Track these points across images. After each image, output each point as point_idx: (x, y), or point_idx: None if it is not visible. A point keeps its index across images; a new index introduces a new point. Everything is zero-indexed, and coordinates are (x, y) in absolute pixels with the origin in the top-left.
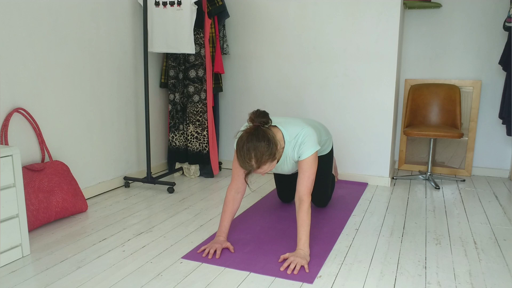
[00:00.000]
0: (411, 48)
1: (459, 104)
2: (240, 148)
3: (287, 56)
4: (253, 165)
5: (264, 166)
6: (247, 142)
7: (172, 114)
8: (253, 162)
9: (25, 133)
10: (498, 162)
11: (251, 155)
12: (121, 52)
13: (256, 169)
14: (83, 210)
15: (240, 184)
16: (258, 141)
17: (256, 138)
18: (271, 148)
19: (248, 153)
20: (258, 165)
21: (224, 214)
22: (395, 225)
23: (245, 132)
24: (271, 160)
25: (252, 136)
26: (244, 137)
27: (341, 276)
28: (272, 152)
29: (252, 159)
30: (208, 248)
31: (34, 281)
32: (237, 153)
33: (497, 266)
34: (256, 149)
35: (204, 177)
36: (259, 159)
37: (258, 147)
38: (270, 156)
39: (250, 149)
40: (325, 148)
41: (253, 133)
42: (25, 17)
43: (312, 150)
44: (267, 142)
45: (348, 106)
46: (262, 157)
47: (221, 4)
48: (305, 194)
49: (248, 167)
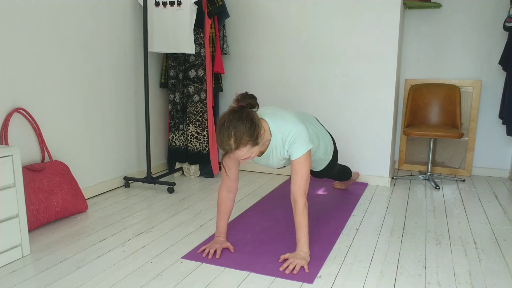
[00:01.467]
0: (411, 48)
1: (459, 104)
2: (220, 125)
3: (287, 56)
4: (231, 145)
5: (244, 148)
6: (229, 119)
7: (172, 114)
8: (232, 142)
9: (25, 133)
10: (498, 162)
11: (231, 134)
12: (121, 52)
13: (235, 150)
14: (83, 210)
15: (230, 183)
16: (240, 120)
17: (239, 117)
18: (253, 131)
19: (227, 131)
20: (237, 146)
21: (219, 214)
22: (395, 225)
23: (228, 110)
24: (251, 143)
25: (235, 114)
26: (227, 114)
27: (341, 276)
28: (253, 135)
29: (231, 137)
30: (208, 248)
31: (34, 281)
32: (216, 130)
33: (497, 266)
34: (237, 128)
35: (204, 177)
36: (239, 139)
37: (239, 126)
38: (251, 139)
39: (230, 127)
40: (327, 155)
41: (236, 111)
42: (25, 17)
43: (304, 150)
44: (250, 123)
45: (348, 106)
46: (242, 137)
47: (221, 4)
48: (298, 195)
49: (226, 146)
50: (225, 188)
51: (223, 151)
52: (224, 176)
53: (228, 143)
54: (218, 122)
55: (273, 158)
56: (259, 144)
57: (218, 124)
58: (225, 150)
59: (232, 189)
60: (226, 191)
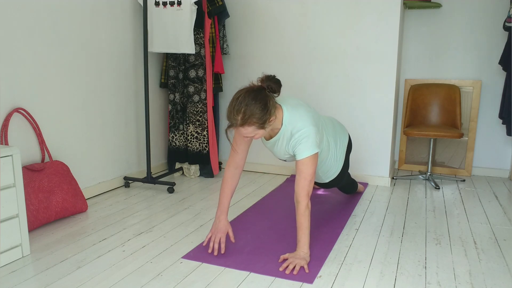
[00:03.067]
0: (411, 48)
1: (459, 104)
2: (234, 98)
3: (287, 56)
4: (238, 120)
5: (248, 128)
6: (244, 96)
7: (172, 114)
8: (239, 118)
9: (25, 133)
10: (498, 162)
11: (240, 110)
12: (121, 52)
13: (239, 126)
14: (83, 210)
15: (238, 159)
16: (255, 100)
17: (254, 96)
18: (264, 115)
19: (239, 106)
20: (243, 123)
21: (223, 192)
22: (395, 225)
23: (247, 87)
24: (258, 125)
25: (252, 93)
26: (244, 90)
27: (341, 276)
28: (262, 118)
29: (240, 113)
30: (212, 241)
31: (34, 281)
32: (230, 102)
33: (497, 266)
34: (248, 106)
35: (204, 177)
36: (246, 117)
37: (251, 105)
38: (259, 121)
39: (242, 103)
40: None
41: (255, 90)
42: (25, 17)
43: (309, 153)
44: (263, 107)
45: (348, 106)
46: (250, 117)
47: (221, 4)
48: (301, 196)
49: (232, 120)
50: (233, 165)
51: (229, 124)
52: (232, 151)
53: (236, 118)
54: (234, 94)
55: (278, 147)
56: (265, 129)
57: (233, 97)
58: (230, 123)
59: (240, 165)
60: (233, 167)
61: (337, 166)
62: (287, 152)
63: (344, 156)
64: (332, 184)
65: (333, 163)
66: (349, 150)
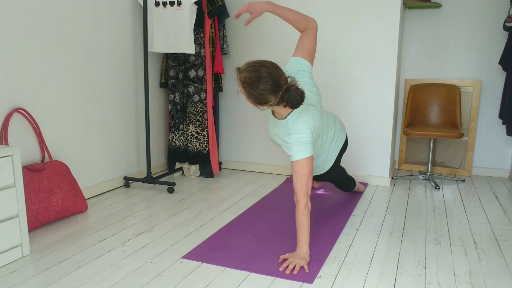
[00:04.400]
0: (411, 48)
1: (459, 104)
2: (257, 60)
3: (287, 56)
4: (241, 77)
5: (245, 91)
6: (266, 67)
7: (172, 114)
8: (244, 76)
9: (25, 133)
10: (498, 162)
11: (251, 73)
12: (121, 52)
13: (239, 81)
14: (83, 210)
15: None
16: (270, 77)
17: (271, 75)
18: (268, 93)
19: (253, 69)
20: (243, 83)
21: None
22: (395, 225)
23: (276, 66)
24: (256, 98)
25: (273, 70)
26: (271, 63)
27: (341, 276)
28: (263, 96)
29: (250, 73)
30: None
31: (34, 281)
32: (254, 60)
33: (497, 266)
34: (261, 76)
35: (204, 177)
36: (251, 83)
37: (263, 78)
38: (259, 95)
39: (257, 70)
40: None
41: (277, 71)
42: (25, 17)
43: (303, 155)
44: (272, 87)
45: (348, 106)
46: (254, 85)
47: (221, 4)
48: (300, 196)
49: (238, 73)
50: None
51: (237, 71)
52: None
53: (242, 74)
54: (265, 61)
55: (275, 129)
56: (258, 107)
57: (262, 60)
58: (236, 72)
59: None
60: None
61: (327, 165)
62: (278, 140)
63: (336, 156)
64: (322, 177)
65: (322, 162)
66: (343, 150)
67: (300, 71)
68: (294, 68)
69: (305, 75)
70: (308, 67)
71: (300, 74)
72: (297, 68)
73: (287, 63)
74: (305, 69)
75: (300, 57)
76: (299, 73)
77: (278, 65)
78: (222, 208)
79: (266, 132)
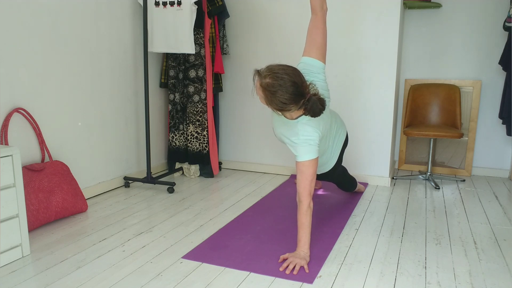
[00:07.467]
0: (411, 48)
1: (459, 104)
2: (279, 65)
3: (287, 56)
4: (263, 83)
5: (266, 97)
6: (289, 75)
7: (172, 114)
8: (267, 82)
9: (25, 133)
10: (498, 162)
11: (274, 80)
12: (121, 52)
13: (261, 87)
14: (83, 210)
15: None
16: (293, 87)
17: (295, 84)
18: (290, 102)
19: (276, 77)
20: (265, 90)
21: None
22: (395, 225)
23: (299, 73)
24: (276, 105)
25: (297, 78)
26: (293, 70)
27: (341, 276)
28: (285, 104)
29: (274, 80)
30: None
31: (34, 281)
32: (279, 64)
33: (497, 266)
34: (284, 85)
35: (204, 177)
36: (274, 91)
37: (287, 87)
38: (281, 103)
39: (280, 78)
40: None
41: (300, 79)
42: (25, 17)
43: (309, 157)
44: (295, 96)
45: (348, 106)
46: (277, 93)
47: (221, 4)
48: (303, 196)
49: (259, 77)
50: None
51: (256, 73)
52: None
53: (265, 81)
54: (287, 66)
55: (281, 129)
56: (269, 107)
57: (284, 66)
58: (257, 74)
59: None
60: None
61: (331, 162)
62: (284, 138)
63: (339, 152)
64: (325, 176)
65: (326, 160)
66: (344, 146)
67: (313, 73)
68: (308, 71)
69: (319, 77)
70: (321, 68)
71: (314, 77)
72: (310, 70)
73: (299, 63)
74: (319, 71)
75: (312, 57)
76: (313, 76)
77: (300, 72)
78: (222, 208)
79: (270, 129)
